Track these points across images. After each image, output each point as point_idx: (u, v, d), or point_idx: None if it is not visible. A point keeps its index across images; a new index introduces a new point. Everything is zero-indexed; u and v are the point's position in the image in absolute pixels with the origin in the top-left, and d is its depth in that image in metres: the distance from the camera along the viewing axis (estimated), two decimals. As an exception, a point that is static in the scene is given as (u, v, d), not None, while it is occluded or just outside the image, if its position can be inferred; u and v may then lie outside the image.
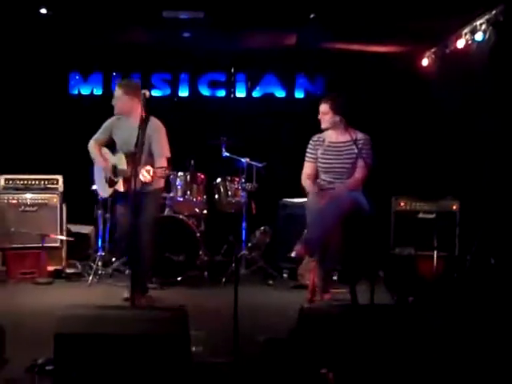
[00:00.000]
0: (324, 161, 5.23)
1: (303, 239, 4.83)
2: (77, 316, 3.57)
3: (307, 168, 5.36)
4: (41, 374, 3.67)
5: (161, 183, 5.68)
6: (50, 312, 3.62)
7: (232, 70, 8.40)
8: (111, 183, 5.65)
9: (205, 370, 3.83)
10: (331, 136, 5.32)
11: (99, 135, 5.80)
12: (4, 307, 5.32)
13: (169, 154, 5.45)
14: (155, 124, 5.47)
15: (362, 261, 5.00)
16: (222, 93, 8.57)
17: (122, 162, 5.46)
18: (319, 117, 5.37)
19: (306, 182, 5.32)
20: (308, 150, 5.42)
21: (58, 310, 3.53)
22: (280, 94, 8.59)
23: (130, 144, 5.09)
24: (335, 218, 4.72)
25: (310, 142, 5.43)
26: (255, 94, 8.58)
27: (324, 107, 5.30)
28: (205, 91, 8.55)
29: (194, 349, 3.91)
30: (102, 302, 5.58)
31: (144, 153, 5.11)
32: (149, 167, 4.85)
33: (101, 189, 5.96)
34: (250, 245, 7.22)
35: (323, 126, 5.34)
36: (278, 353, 4.11)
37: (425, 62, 7.91)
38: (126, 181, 5.37)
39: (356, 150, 5.10)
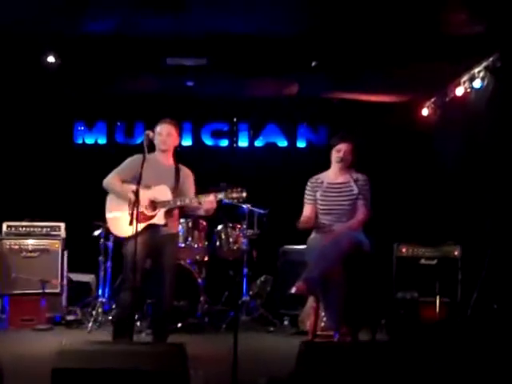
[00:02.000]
0: (324, 202, 5.22)
1: (303, 276, 4.79)
2: (74, 351, 3.55)
3: (306, 210, 5.34)
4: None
5: (178, 227, 5.72)
6: (48, 356, 3.55)
7: (234, 120, 8.51)
8: (144, 219, 5.17)
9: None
10: (330, 177, 5.32)
11: (122, 170, 5.45)
12: (3, 352, 5.26)
13: None
14: (187, 169, 5.59)
15: (364, 302, 4.96)
16: (224, 142, 8.69)
17: (163, 194, 5.24)
18: (340, 155, 5.24)
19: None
20: (306, 191, 5.41)
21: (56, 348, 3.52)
22: (282, 143, 8.69)
23: (161, 182, 5.25)
24: (336, 256, 4.69)
25: (308, 183, 5.42)
26: (257, 143, 8.70)
27: (349, 146, 5.24)
28: (208, 141, 8.68)
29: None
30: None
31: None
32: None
33: (120, 228, 5.33)
34: (251, 293, 7.20)
35: (345, 164, 5.23)
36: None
37: (425, 112, 8.05)
38: (169, 212, 5.26)
39: (355, 191, 5.11)
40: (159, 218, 5.23)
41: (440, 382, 3.73)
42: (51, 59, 6.55)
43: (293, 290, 4.74)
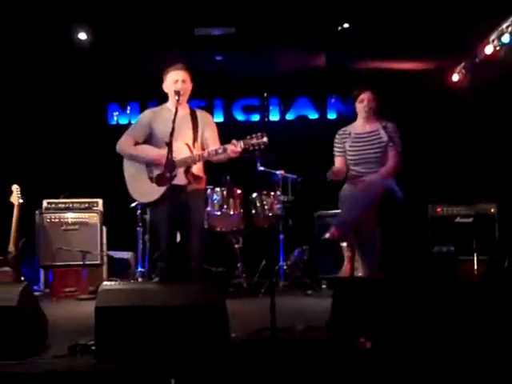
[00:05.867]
0: (353, 153, 5.23)
1: (336, 222, 4.82)
2: (117, 290, 3.66)
3: (337, 163, 5.37)
4: (83, 352, 3.71)
5: (204, 182, 5.22)
6: (91, 317, 3.62)
7: (265, 95, 8.56)
8: (163, 181, 4.81)
9: (242, 346, 3.85)
10: (357, 127, 5.34)
11: (135, 131, 5.14)
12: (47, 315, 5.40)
13: None
14: (205, 114, 5.23)
15: (400, 251, 4.98)
16: (256, 117, 8.80)
17: (180, 151, 4.83)
18: (365, 103, 5.27)
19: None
20: (335, 144, 5.43)
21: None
22: (313, 116, 8.77)
23: (179, 136, 4.80)
24: (368, 203, 4.71)
25: (336, 136, 5.43)
26: (288, 116, 8.79)
27: (370, 94, 5.28)
28: (239, 116, 8.80)
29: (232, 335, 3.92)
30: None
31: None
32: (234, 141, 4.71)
33: (143, 193, 5.05)
34: (288, 263, 7.22)
35: (371, 113, 5.24)
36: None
37: (455, 78, 8.02)
38: (189, 171, 4.90)
39: (385, 139, 5.12)
40: (180, 178, 4.85)
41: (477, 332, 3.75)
42: (83, 36, 6.71)
43: (326, 236, 4.73)
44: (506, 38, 6.38)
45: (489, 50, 6.84)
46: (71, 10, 6.17)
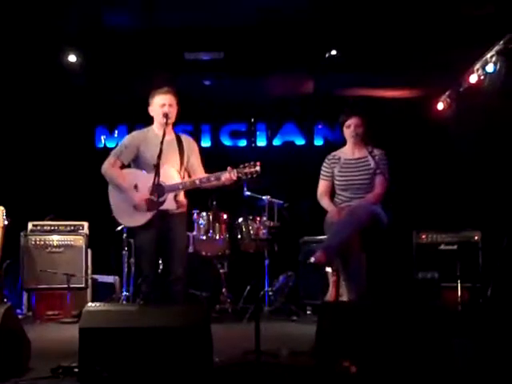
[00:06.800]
0: (342, 178, 5.26)
1: (322, 246, 4.82)
2: (101, 311, 3.65)
3: (322, 186, 5.38)
4: (65, 374, 3.69)
5: (186, 204, 5.18)
6: (74, 340, 3.64)
7: (252, 120, 8.62)
8: (151, 206, 4.79)
9: (226, 370, 3.84)
10: (347, 153, 5.37)
11: (122, 154, 5.07)
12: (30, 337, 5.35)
13: None
14: (189, 139, 5.25)
15: (384, 275, 5.00)
16: (243, 142, 8.85)
17: (169, 176, 4.88)
18: (352, 129, 5.24)
19: (322, 199, 5.34)
20: (323, 168, 5.45)
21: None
22: (300, 141, 8.84)
23: (167, 159, 4.85)
24: (354, 227, 4.73)
25: (326, 160, 5.45)
26: (275, 142, 8.86)
27: (357, 119, 5.27)
28: (226, 141, 8.85)
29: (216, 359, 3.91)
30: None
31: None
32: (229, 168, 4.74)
33: (129, 217, 5.00)
34: (273, 289, 7.21)
35: (359, 138, 5.23)
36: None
37: (440, 106, 8.13)
38: (178, 196, 4.95)
39: (372, 165, 5.15)
40: (170, 204, 4.88)
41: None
42: (72, 58, 6.75)
43: (312, 260, 4.72)
44: (490, 68, 6.49)
45: (473, 79, 6.95)
46: (61, 32, 6.21)
